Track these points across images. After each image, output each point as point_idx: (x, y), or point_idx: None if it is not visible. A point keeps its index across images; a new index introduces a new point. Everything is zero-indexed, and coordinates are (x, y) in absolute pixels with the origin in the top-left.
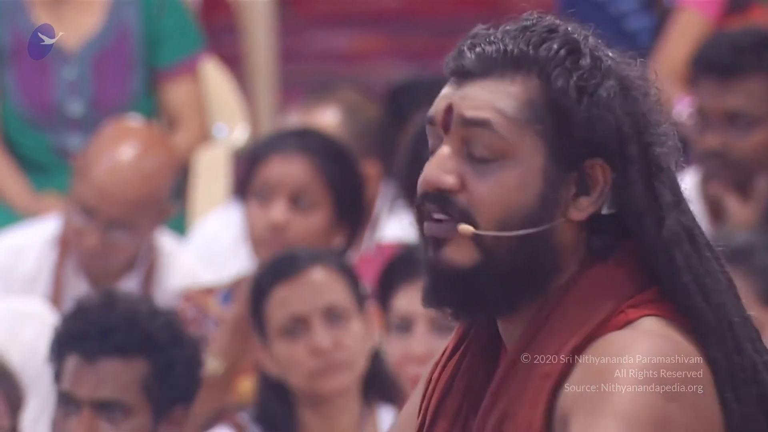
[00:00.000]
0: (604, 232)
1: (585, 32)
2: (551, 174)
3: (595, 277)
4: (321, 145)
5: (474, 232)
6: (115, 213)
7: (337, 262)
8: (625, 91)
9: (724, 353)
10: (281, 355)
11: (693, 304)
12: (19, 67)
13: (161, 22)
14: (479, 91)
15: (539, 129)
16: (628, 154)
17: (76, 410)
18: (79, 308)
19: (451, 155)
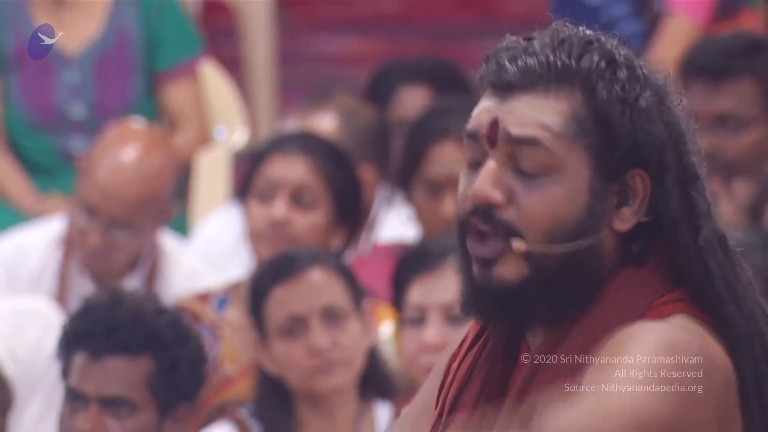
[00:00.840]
0: (640, 239)
1: (616, 42)
2: (596, 186)
3: (627, 281)
4: (321, 147)
5: (526, 248)
6: (117, 213)
7: (335, 263)
8: (661, 100)
9: (753, 361)
10: (280, 353)
11: (725, 311)
12: (21, 72)
13: (161, 26)
14: (524, 106)
15: (585, 143)
16: (666, 164)
17: (83, 406)
18: (86, 306)
19: (497, 170)
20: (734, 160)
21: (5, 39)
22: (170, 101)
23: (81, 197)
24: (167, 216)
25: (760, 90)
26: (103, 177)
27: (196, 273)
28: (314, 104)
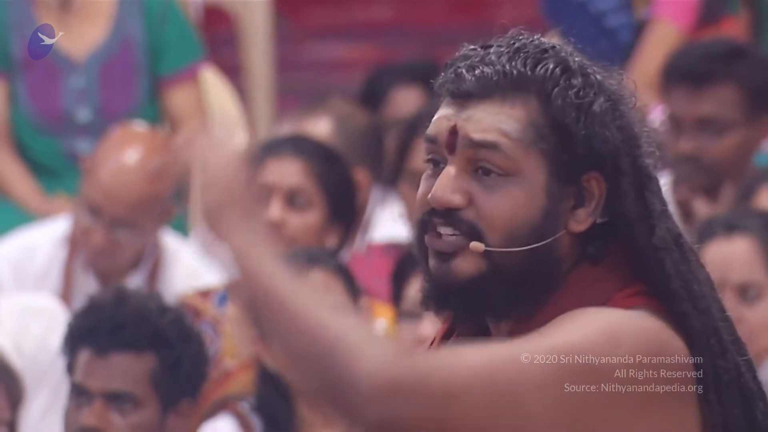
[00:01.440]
0: (596, 239)
1: (571, 49)
2: (553, 189)
3: (583, 278)
4: (314, 149)
5: (485, 249)
6: (120, 212)
7: (334, 264)
8: (615, 105)
9: (710, 357)
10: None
11: (682, 309)
12: (29, 77)
13: (163, 33)
14: (483, 113)
15: (542, 148)
16: (621, 167)
17: (88, 401)
18: (91, 304)
19: (457, 174)
20: (716, 163)
21: (13, 44)
22: (172, 105)
23: (85, 197)
24: (168, 216)
25: (741, 95)
26: (106, 178)
27: (197, 271)
28: (309, 109)
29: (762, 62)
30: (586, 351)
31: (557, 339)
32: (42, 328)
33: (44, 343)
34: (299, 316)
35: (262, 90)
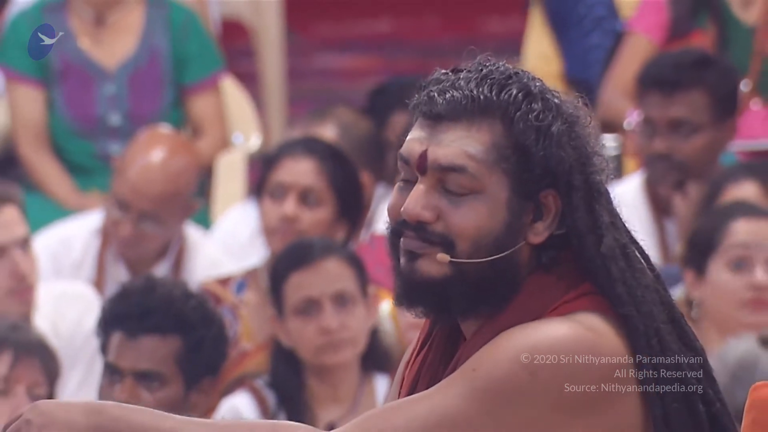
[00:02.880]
0: (551, 249)
1: (533, 75)
2: (514, 205)
3: (535, 285)
4: (325, 151)
5: (450, 260)
6: (146, 207)
7: (347, 254)
8: (570, 126)
9: (650, 355)
10: (294, 330)
11: (625, 311)
12: (66, 85)
13: (187, 46)
14: (452, 137)
15: (504, 167)
16: (573, 184)
17: (120, 379)
18: (122, 291)
19: (426, 191)
20: (686, 161)
21: (52, 57)
22: (195, 111)
23: (114, 193)
24: (191, 210)
25: (709, 100)
26: (134, 175)
27: (217, 261)
28: (316, 117)
29: (727, 71)
30: (503, 384)
31: (477, 381)
32: (77, 313)
33: (79, 326)
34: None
35: (275, 97)
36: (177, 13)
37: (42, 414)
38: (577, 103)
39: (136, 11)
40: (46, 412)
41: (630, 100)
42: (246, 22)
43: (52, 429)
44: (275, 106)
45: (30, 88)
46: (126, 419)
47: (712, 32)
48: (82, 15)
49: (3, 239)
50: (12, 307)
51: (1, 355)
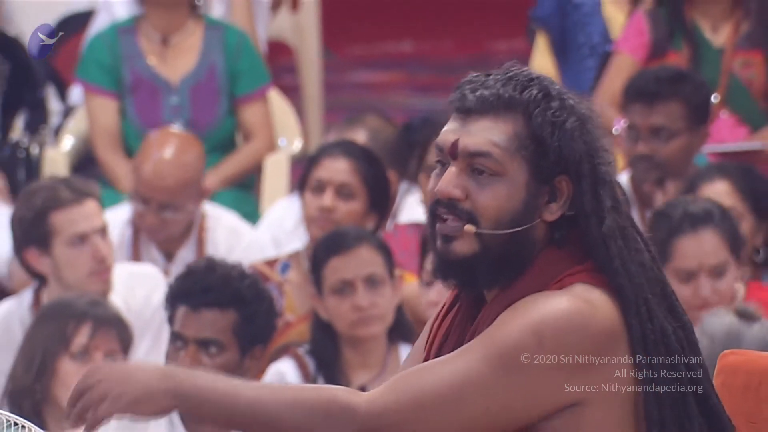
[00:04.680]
0: (562, 228)
1: (552, 80)
2: (532, 187)
3: (548, 258)
4: (358, 152)
5: (476, 230)
6: (163, 198)
7: (377, 242)
8: (583, 123)
9: (639, 321)
10: (332, 307)
11: (618, 282)
12: (136, 97)
13: (239, 63)
14: (479, 128)
15: (524, 155)
16: (583, 172)
17: (184, 346)
18: (187, 271)
19: (457, 173)
20: (666, 162)
21: (124, 72)
22: (246, 118)
23: (135, 189)
24: (204, 195)
25: (684, 109)
26: (148, 172)
27: (236, 229)
28: (350, 123)
29: (700, 85)
30: (515, 350)
31: (492, 348)
32: (145, 290)
33: (147, 301)
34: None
35: (314, 107)
36: (231, 34)
37: (117, 374)
38: (590, 105)
39: (196, 33)
40: (122, 372)
41: (617, 110)
42: (289, 43)
43: (128, 387)
44: (314, 115)
45: (105, 99)
46: (196, 383)
47: (687, 53)
48: (151, 37)
49: (85, 228)
50: (92, 286)
51: (82, 327)
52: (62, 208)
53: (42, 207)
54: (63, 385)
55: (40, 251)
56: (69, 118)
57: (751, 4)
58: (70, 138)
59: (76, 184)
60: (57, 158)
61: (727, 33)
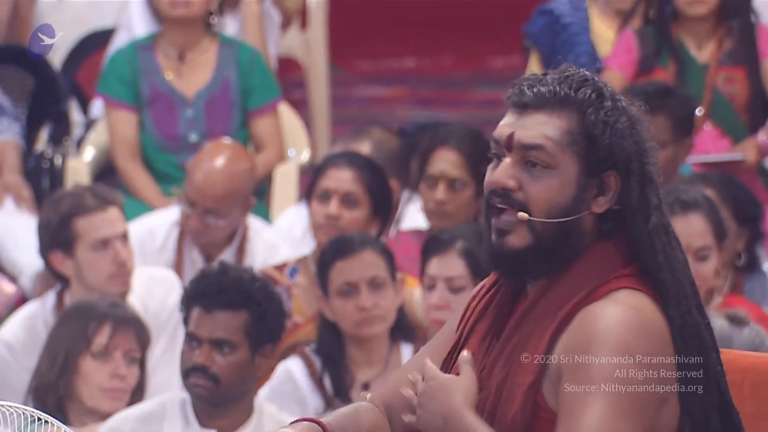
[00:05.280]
0: (609, 221)
1: (606, 82)
2: (582, 181)
3: (596, 252)
4: (363, 162)
5: (529, 218)
6: (209, 204)
7: (380, 247)
8: (633, 125)
9: (679, 313)
10: (337, 308)
11: (662, 277)
12: (154, 110)
13: (251, 78)
14: (534, 122)
15: (575, 150)
16: (631, 169)
17: (198, 345)
18: (201, 274)
19: (512, 165)
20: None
21: (143, 87)
22: (257, 130)
23: (185, 192)
24: (249, 206)
25: (670, 122)
26: (199, 178)
27: (275, 245)
28: (355, 135)
29: (685, 99)
30: (622, 381)
31: (607, 396)
32: (162, 292)
33: (164, 303)
34: None
35: (321, 120)
36: (243, 51)
37: (434, 390)
38: (640, 109)
39: (211, 50)
40: (434, 391)
41: None
42: (298, 59)
43: (427, 409)
44: (321, 127)
45: (125, 112)
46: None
47: (673, 69)
48: (168, 53)
49: (108, 233)
50: (113, 288)
51: (103, 327)
52: (86, 214)
53: (67, 212)
54: (84, 382)
55: (64, 254)
56: (90, 130)
57: (734, 23)
58: (91, 149)
59: (100, 192)
60: (79, 168)
61: (711, 50)
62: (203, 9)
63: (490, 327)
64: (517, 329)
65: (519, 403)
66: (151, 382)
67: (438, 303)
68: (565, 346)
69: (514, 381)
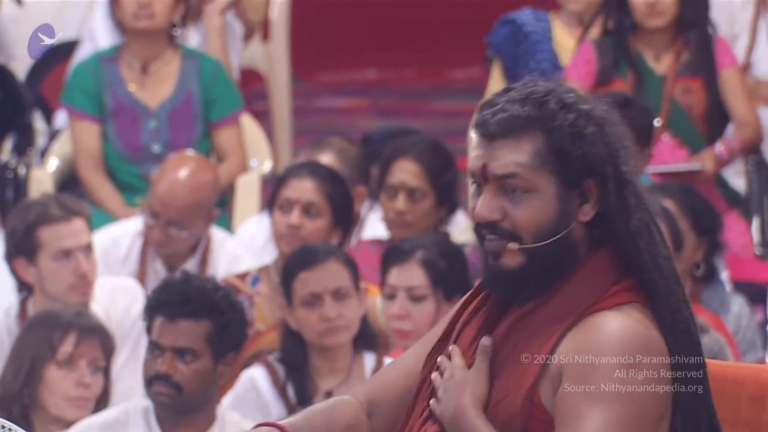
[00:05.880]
0: (599, 225)
1: (569, 88)
2: (562, 196)
3: (593, 260)
4: (325, 173)
5: (519, 247)
6: (171, 216)
7: (343, 256)
8: (601, 127)
9: (669, 311)
10: (301, 318)
11: (649, 276)
12: (117, 121)
13: (214, 89)
14: (503, 151)
15: (549, 168)
16: (607, 174)
17: (161, 354)
18: (164, 283)
19: (492, 196)
20: None
21: (107, 98)
22: (220, 141)
23: (148, 203)
24: (213, 218)
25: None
26: (162, 190)
27: (237, 256)
28: (316, 145)
29: (644, 110)
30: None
31: (613, 406)
32: (126, 302)
33: (127, 312)
34: None
35: (283, 131)
36: (206, 63)
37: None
38: (605, 108)
39: (174, 62)
40: (454, 384)
41: None
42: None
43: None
44: (283, 138)
45: (88, 123)
46: None
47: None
48: (131, 65)
49: (70, 244)
50: (73, 298)
51: (68, 336)
52: (51, 224)
53: (33, 221)
54: (49, 390)
55: (28, 262)
56: (54, 141)
57: (691, 35)
58: (55, 160)
59: (67, 202)
60: (43, 178)
61: (669, 62)
62: (166, 21)
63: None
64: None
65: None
66: (115, 390)
67: (399, 312)
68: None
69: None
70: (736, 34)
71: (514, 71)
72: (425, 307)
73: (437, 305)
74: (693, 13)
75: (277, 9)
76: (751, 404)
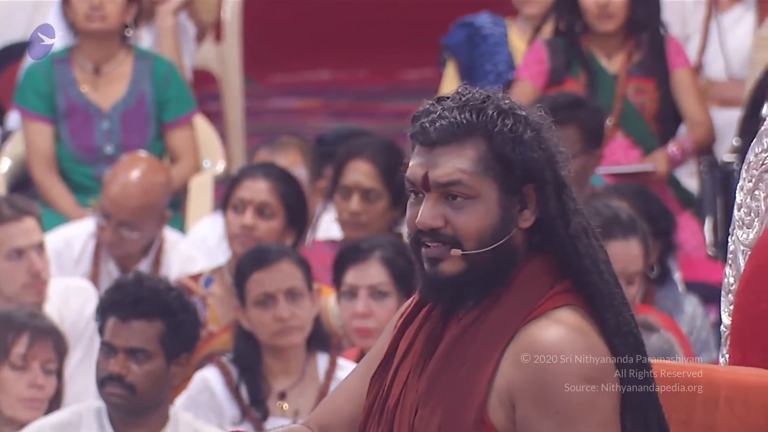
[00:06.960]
0: (538, 232)
1: (502, 95)
2: (504, 201)
3: (531, 267)
4: (277, 173)
5: (461, 253)
6: (123, 217)
7: (296, 257)
8: (538, 133)
9: (613, 314)
10: (254, 318)
11: (590, 279)
12: (70, 122)
13: (167, 90)
14: (445, 159)
15: (491, 174)
16: (546, 179)
17: (114, 354)
18: (116, 284)
19: (434, 203)
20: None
21: (59, 99)
22: (173, 142)
23: (100, 204)
24: (165, 219)
25: (580, 134)
26: (114, 191)
27: (190, 257)
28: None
29: (595, 110)
30: (587, 407)
31: (567, 422)
32: (79, 302)
33: (80, 313)
34: None
35: (236, 131)
36: (159, 64)
37: None
38: (540, 113)
39: (126, 63)
40: None
41: None
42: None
43: None
44: (236, 139)
45: (41, 124)
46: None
47: (583, 79)
48: (84, 66)
49: (23, 243)
50: (27, 298)
51: (21, 338)
52: (2, 224)
53: None
54: (2, 392)
55: None
56: (6, 142)
57: (643, 35)
58: (7, 160)
59: (17, 202)
60: None
61: (621, 61)
62: (118, 22)
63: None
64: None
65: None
66: (68, 391)
67: (363, 311)
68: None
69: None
70: (688, 35)
71: (470, 73)
72: (387, 305)
73: (399, 303)
74: (644, 15)
75: (230, 10)
76: (704, 404)
